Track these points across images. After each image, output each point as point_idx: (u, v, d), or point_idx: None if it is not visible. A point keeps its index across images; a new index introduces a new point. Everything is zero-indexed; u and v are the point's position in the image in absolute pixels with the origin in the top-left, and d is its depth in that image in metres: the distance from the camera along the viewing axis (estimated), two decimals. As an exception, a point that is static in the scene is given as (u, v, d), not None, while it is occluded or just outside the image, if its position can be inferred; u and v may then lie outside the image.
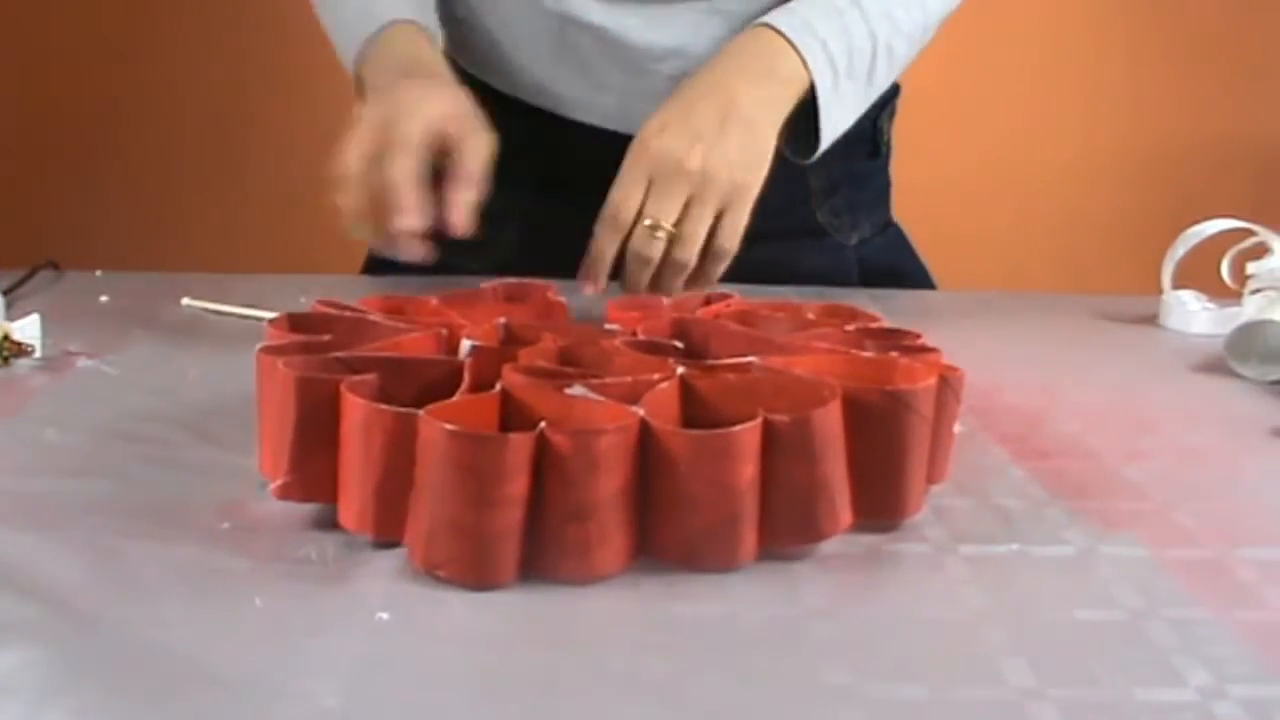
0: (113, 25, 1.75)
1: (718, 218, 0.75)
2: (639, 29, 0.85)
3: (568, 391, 0.46)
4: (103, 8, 1.74)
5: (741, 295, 0.67)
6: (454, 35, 0.93)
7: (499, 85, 0.91)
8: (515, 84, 0.90)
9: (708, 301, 0.65)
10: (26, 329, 0.68)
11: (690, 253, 0.74)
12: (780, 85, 0.78)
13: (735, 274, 0.82)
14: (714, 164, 0.74)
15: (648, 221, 0.73)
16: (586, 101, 0.88)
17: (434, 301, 0.62)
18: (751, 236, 0.75)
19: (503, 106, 0.90)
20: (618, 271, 0.76)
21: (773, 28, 0.78)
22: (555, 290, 0.67)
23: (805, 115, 0.80)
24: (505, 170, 0.93)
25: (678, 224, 0.74)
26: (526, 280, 0.69)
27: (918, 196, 1.04)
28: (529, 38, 0.87)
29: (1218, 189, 1.87)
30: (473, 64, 0.92)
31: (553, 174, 0.91)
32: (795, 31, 0.78)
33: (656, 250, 0.74)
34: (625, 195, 0.74)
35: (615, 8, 0.85)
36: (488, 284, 0.68)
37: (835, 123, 0.81)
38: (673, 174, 0.73)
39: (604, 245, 0.74)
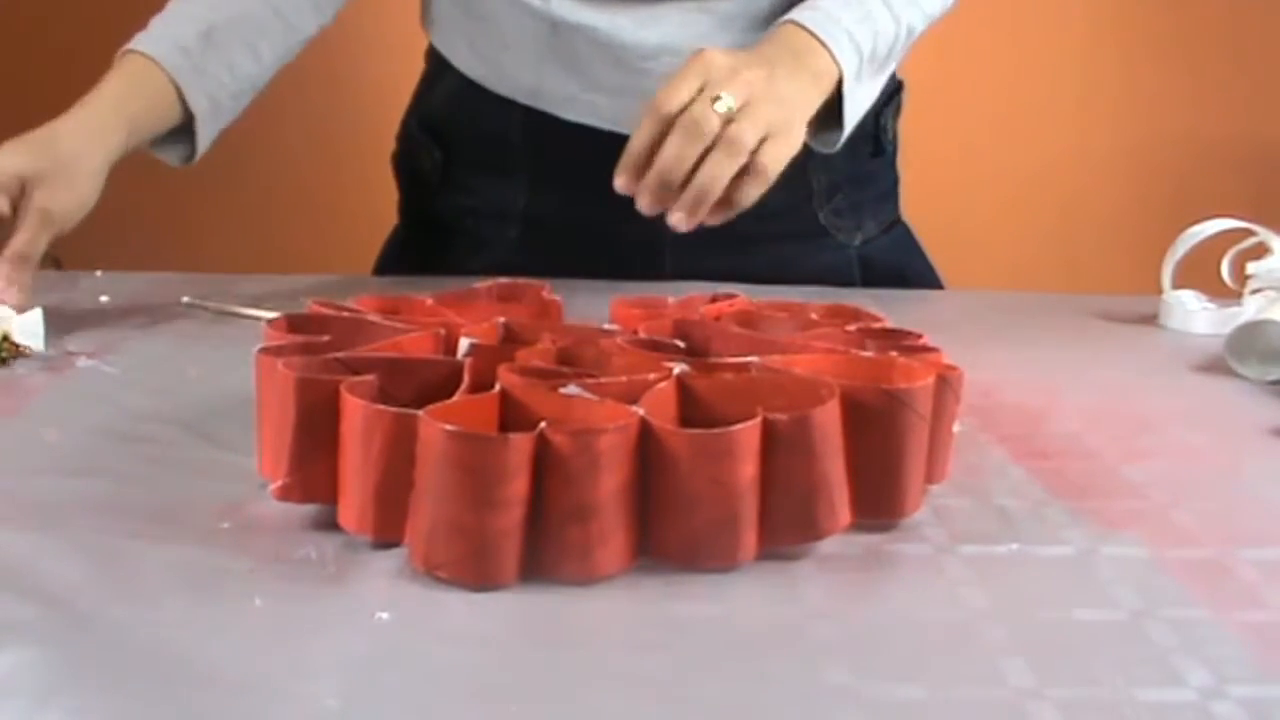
0: (113, 24, 1.74)
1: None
2: (629, 28, 0.85)
3: (562, 391, 0.46)
4: (103, 7, 1.74)
5: (745, 296, 0.67)
6: (447, 37, 0.93)
7: (493, 85, 0.91)
8: (509, 84, 0.90)
9: (713, 300, 0.65)
10: (28, 324, 0.68)
11: (745, 140, 0.70)
12: (811, 78, 0.76)
13: (735, 276, 0.82)
14: (767, 88, 0.71)
15: (710, 94, 0.69)
16: (580, 101, 0.88)
17: (430, 301, 0.62)
18: (752, 239, 0.74)
19: (497, 107, 0.90)
20: (662, 215, 0.72)
21: (799, 25, 0.77)
22: (550, 289, 0.67)
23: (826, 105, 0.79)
24: (503, 169, 0.93)
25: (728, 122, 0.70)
26: (521, 280, 0.69)
27: (918, 196, 1.04)
28: (520, 39, 0.87)
29: (1218, 189, 1.86)
30: (466, 64, 0.92)
31: (550, 173, 0.91)
32: (820, 25, 0.77)
33: (713, 124, 0.69)
34: (675, 87, 0.70)
35: (604, 8, 0.85)
36: (483, 284, 0.67)
37: (857, 108, 0.80)
38: (728, 78, 0.70)
39: (645, 132, 0.70)
